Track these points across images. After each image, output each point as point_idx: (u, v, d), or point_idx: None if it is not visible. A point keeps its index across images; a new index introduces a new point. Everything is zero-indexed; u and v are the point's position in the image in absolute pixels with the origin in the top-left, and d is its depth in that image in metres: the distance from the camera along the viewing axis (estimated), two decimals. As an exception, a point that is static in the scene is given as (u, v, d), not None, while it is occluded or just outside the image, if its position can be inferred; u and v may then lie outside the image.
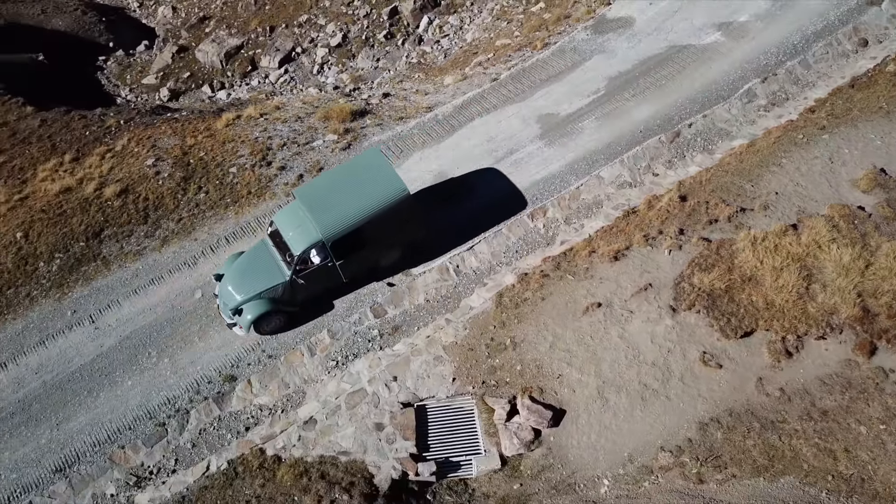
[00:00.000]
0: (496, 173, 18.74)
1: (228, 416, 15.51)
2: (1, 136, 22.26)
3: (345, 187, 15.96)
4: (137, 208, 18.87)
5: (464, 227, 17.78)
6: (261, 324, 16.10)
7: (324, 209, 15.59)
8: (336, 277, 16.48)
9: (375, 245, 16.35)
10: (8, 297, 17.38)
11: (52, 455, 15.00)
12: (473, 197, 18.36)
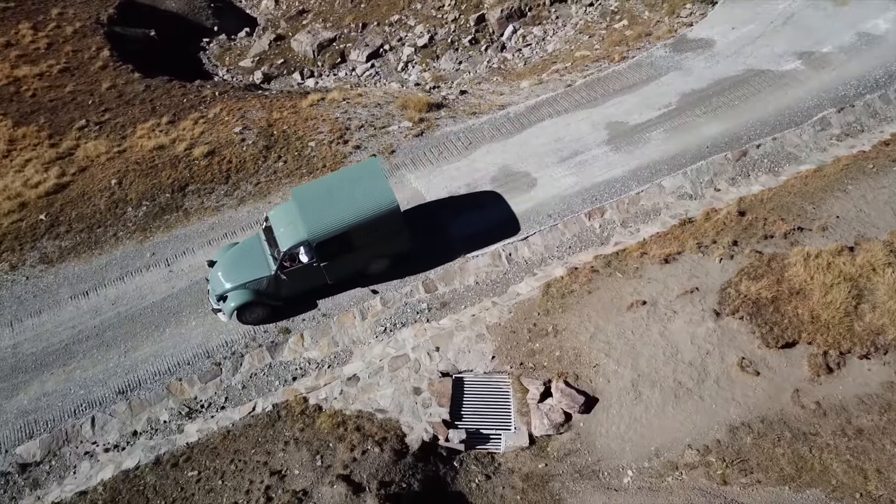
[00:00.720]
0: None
1: (278, 365, 16.49)
2: (109, 97, 24.34)
3: (338, 193, 16.51)
4: (221, 169, 20.32)
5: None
6: (243, 313, 16.69)
7: (314, 211, 16.21)
8: (321, 278, 16.99)
9: (362, 252, 16.78)
10: (97, 234, 19.01)
11: (117, 378, 16.29)
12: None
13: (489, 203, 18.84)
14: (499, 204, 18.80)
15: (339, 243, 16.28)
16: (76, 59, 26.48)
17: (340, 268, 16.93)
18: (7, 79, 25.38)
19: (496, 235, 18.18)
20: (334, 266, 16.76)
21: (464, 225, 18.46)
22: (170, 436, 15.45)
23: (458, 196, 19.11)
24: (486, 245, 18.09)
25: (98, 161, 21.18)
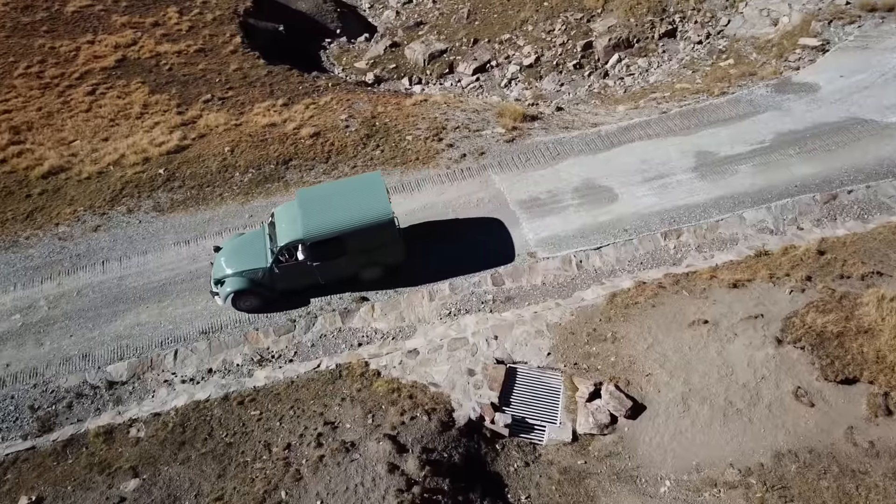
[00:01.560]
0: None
1: (347, 330, 17.57)
2: (234, 77, 26.61)
3: (338, 198, 17.28)
4: (323, 150, 21.89)
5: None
6: (238, 299, 17.49)
7: (312, 213, 17.02)
8: (313, 277, 17.67)
9: (355, 258, 17.36)
10: (205, 192, 20.88)
11: (202, 320, 17.82)
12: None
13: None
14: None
15: (333, 246, 17.01)
16: (211, 43, 29.08)
17: (333, 270, 17.59)
18: (150, 53, 28.18)
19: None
20: (327, 267, 17.45)
21: (540, 229, 19.13)
22: (240, 378, 16.76)
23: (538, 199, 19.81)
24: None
25: (216, 130, 23.24)
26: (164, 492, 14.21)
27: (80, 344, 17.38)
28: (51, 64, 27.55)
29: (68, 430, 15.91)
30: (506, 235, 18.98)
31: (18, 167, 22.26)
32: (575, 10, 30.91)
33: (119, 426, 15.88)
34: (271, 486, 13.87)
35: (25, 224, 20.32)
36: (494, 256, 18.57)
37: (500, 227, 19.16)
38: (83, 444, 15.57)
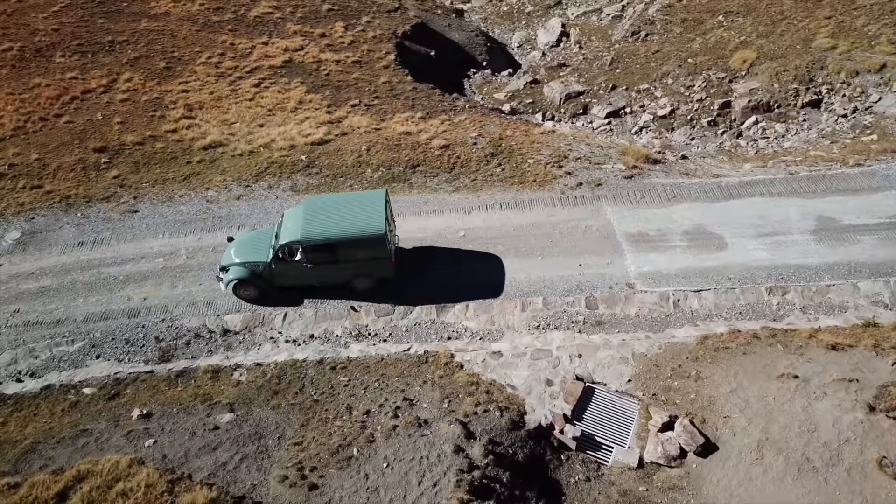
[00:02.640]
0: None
1: (440, 323, 18.60)
2: (382, 89, 28.87)
3: (339, 209, 18.51)
4: (449, 161, 23.36)
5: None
6: (238, 287, 18.80)
7: (313, 218, 18.29)
8: (308, 278, 18.76)
9: (346, 266, 18.45)
10: (338, 181, 22.84)
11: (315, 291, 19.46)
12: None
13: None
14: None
15: (326, 251, 18.18)
16: (367, 57, 31.69)
17: (326, 274, 18.70)
18: (313, 59, 31.12)
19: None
20: (320, 270, 18.60)
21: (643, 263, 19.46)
22: (336, 347, 18.16)
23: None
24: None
25: (357, 131, 25.34)
26: (253, 428, 15.66)
27: (207, 292, 19.46)
28: (228, 57, 31.06)
29: (182, 363, 17.87)
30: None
31: (185, 137, 25.30)
32: (718, 70, 31.04)
33: (225, 368, 17.65)
34: (346, 442, 14.97)
35: (182, 185, 23.06)
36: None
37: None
38: (192, 376, 17.43)
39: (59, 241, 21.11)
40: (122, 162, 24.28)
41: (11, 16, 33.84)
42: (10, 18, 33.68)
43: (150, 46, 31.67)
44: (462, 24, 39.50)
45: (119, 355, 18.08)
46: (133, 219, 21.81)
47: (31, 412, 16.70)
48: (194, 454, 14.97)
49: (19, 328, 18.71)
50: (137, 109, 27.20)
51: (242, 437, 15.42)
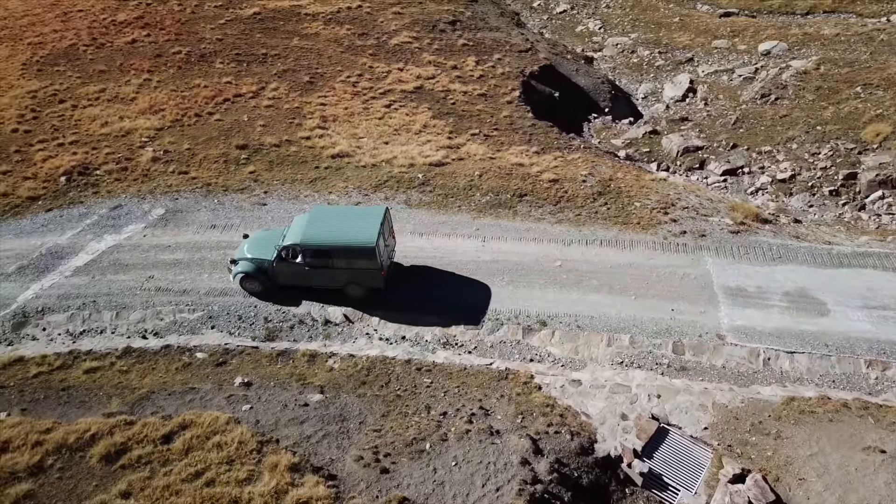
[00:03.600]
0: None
1: (525, 345, 19.27)
2: (503, 122, 30.20)
3: (340, 219, 20.07)
4: (556, 194, 24.17)
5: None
6: (244, 280, 20.47)
7: (315, 225, 19.80)
8: (306, 279, 20.19)
9: (339, 272, 19.82)
10: (448, 201, 24.15)
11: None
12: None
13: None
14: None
15: (322, 256, 19.59)
16: (493, 91, 33.19)
17: (322, 277, 20.10)
18: (442, 87, 32.97)
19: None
20: (317, 274, 20.01)
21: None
22: (424, 351, 19.20)
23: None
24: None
25: (473, 157, 26.67)
26: (338, 411, 16.88)
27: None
28: (365, 78, 33.45)
29: (285, 344, 19.46)
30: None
31: (317, 145, 27.54)
32: (848, 140, 30.21)
33: (321, 354, 19.06)
34: (420, 436, 15.88)
35: (308, 186, 25.13)
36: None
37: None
38: (291, 357, 18.94)
39: (196, 221, 23.52)
40: (258, 160, 26.75)
41: (185, 24, 38.01)
42: (183, 27, 37.84)
43: (298, 62, 34.63)
44: (589, 70, 40.42)
45: (231, 328, 19.92)
46: (261, 211, 23.98)
47: (150, 366, 18.71)
48: (283, 424, 16.34)
49: (151, 292, 20.98)
50: (279, 116, 29.85)
51: (328, 417, 16.65)
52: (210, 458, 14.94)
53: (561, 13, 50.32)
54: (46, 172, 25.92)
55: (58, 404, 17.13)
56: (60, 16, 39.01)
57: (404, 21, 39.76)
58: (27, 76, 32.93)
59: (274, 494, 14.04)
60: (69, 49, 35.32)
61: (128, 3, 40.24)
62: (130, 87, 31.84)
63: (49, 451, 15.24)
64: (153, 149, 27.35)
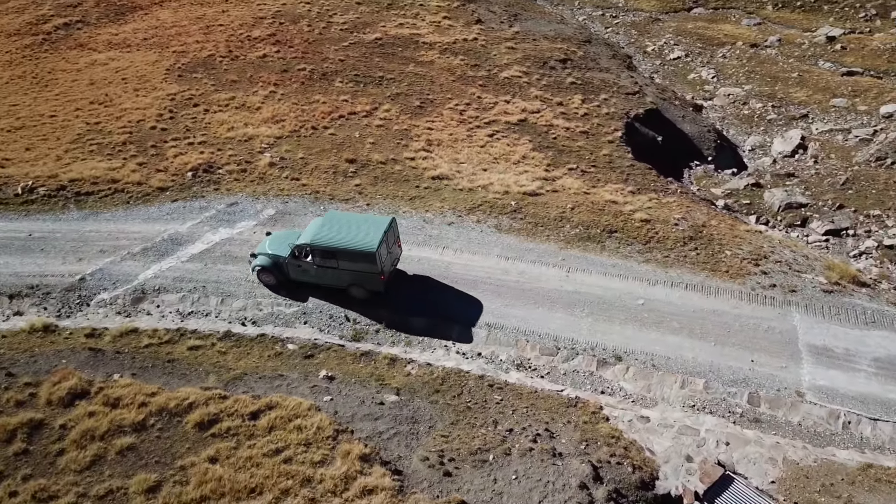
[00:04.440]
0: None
1: (598, 377, 19.62)
2: (601, 159, 30.73)
3: (349, 224, 21.47)
4: (646, 234, 24.43)
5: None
6: (261, 273, 22.26)
7: (325, 228, 21.37)
8: (314, 277, 21.77)
9: (344, 273, 21.33)
10: (538, 229, 24.88)
11: (489, 315, 21.43)
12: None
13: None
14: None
15: (329, 257, 21.12)
16: (595, 130, 33.78)
17: (328, 276, 21.66)
18: (546, 122, 33.88)
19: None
20: (324, 272, 21.59)
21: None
22: (498, 369, 19.90)
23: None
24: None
25: (567, 191, 27.35)
26: (411, 413, 17.81)
27: (406, 294, 22.23)
28: (472, 107, 34.85)
29: (368, 346, 20.66)
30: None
31: (419, 166, 29.00)
32: (969, 212, 28.81)
33: (400, 360, 20.12)
34: (485, 447, 16.56)
35: (407, 203, 26.52)
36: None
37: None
38: (373, 358, 20.10)
39: (302, 224, 25.27)
40: (364, 174, 28.45)
41: (312, 44, 40.85)
42: (310, 46, 40.67)
43: (411, 87, 36.50)
44: (697, 118, 40.28)
45: (322, 326, 21.34)
46: (361, 221, 25.52)
47: (245, 350, 20.34)
48: (359, 418, 17.43)
49: (254, 284, 22.75)
50: (388, 135, 31.60)
51: (400, 417, 17.61)
52: (290, 439, 16.20)
53: (674, 59, 50.34)
54: (176, 167, 28.58)
55: (163, 373, 18.95)
56: (203, 28, 42.83)
57: (516, 56, 41.09)
58: (169, 80, 36.36)
59: (343, 479, 15.09)
60: (207, 59, 38.72)
61: (263, 21, 43.66)
62: (257, 98, 34.56)
63: (152, 413, 16.96)
64: (271, 155, 29.61)
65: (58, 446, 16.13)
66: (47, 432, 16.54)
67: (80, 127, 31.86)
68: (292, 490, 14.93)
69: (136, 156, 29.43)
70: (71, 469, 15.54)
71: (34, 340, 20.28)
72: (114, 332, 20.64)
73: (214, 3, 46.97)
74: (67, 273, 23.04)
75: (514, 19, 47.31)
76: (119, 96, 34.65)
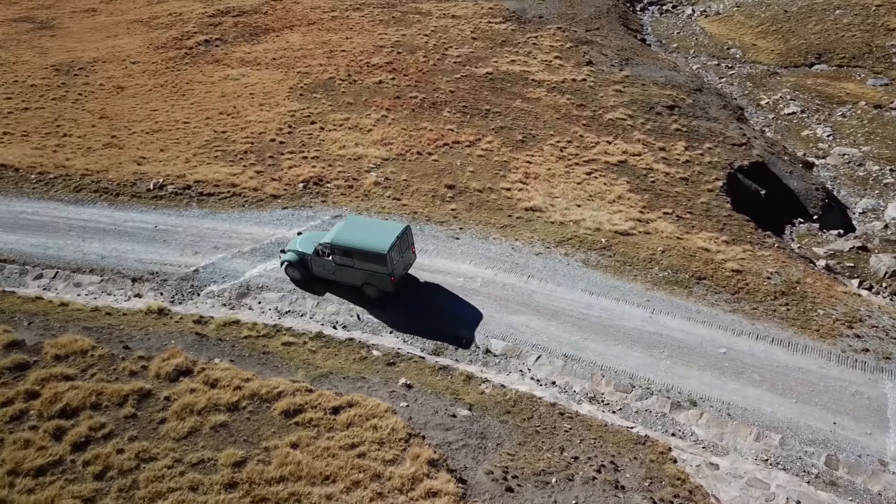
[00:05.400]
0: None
1: (670, 419, 19.64)
2: (698, 207, 30.63)
3: (366, 229, 23.33)
4: (735, 284, 24.23)
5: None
6: (288, 267, 24.28)
7: (346, 230, 23.37)
8: (333, 274, 23.75)
9: (358, 271, 23.19)
10: (625, 269, 25.13)
11: (567, 346, 21.88)
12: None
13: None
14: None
15: (346, 255, 23.04)
16: (695, 177, 33.66)
17: (345, 274, 23.62)
18: (645, 165, 34.11)
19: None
20: (341, 270, 23.55)
21: None
22: (570, 400, 20.30)
23: None
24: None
25: (659, 234, 27.48)
26: (480, 429, 18.50)
27: (487, 316, 23.03)
28: (573, 145, 35.57)
29: (447, 361, 21.57)
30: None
31: (514, 197, 29.94)
32: None
33: (476, 377, 20.88)
34: (549, 470, 17.02)
35: (498, 230, 27.44)
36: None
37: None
38: (450, 373, 20.96)
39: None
40: (461, 200, 29.65)
41: (425, 74, 42.90)
42: (423, 76, 42.72)
43: (515, 121, 37.66)
44: (805, 175, 39.26)
45: (405, 337, 22.45)
46: (453, 243, 26.62)
47: (333, 352, 21.71)
48: (431, 426, 18.29)
49: (349, 292, 24.18)
50: (487, 165, 32.78)
51: (470, 431, 18.34)
52: (366, 436, 17.26)
53: (789, 115, 49.18)
54: (289, 178, 30.80)
55: (258, 363, 20.54)
56: (327, 53, 45.84)
57: (623, 99, 41.55)
58: (291, 98, 39.17)
59: (411, 479, 15.96)
60: (328, 81, 41.43)
61: (382, 49, 46.24)
62: (369, 120, 36.68)
63: (245, 396, 18.50)
64: (376, 175, 31.37)
65: (161, 415, 17.89)
66: (153, 402, 18.36)
67: (208, 134, 34.87)
68: (362, 483, 15.92)
69: (255, 164, 31.92)
70: (170, 436, 17.20)
71: (149, 321, 22.44)
72: (218, 321, 22.53)
73: (340, 31, 50.18)
74: (184, 264, 25.33)
75: (626, 63, 47.81)
76: (245, 109, 37.67)
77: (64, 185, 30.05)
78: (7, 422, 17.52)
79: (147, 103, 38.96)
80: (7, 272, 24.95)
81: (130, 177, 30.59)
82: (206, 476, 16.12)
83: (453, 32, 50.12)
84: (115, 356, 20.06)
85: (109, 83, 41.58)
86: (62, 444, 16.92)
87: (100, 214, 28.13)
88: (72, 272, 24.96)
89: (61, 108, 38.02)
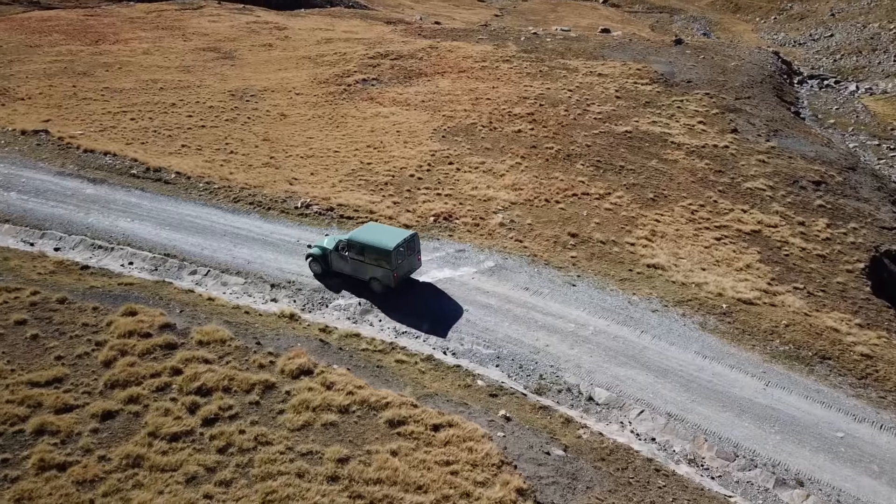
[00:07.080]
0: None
1: (772, 494, 18.93)
2: (834, 287, 29.37)
3: (380, 232, 26.19)
4: (862, 369, 23.12)
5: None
6: (312, 261, 27.21)
7: (362, 231, 26.34)
8: (347, 269, 26.56)
9: (368, 266, 25.98)
10: (744, 337, 24.54)
11: (671, 404, 21.69)
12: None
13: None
14: None
15: (358, 251, 25.89)
16: (834, 256, 32.24)
17: (357, 269, 26.37)
18: (781, 238, 33.14)
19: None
20: (354, 265, 26.33)
21: None
22: (668, 458, 20.11)
23: None
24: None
25: (785, 308, 26.63)
26: (572, 470, 18.78)
27: (592, 364, 23.31)
28: (705, 209, 35.17)
29: (548, 401, 21.99)
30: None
31: (637, 252, 30.09)
32: None
33: (575, 422, 21.16)
34: (635, 520, 16.99)
35: (617, 283, 27.65)
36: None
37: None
38: (549, 414, 21.38)
39: (514, 280, 27.60)
40: (583, 249, 30.18)
41: (564, 127, 44.08)
42: (562, 129, 43.92)
43: (649, 180, 37.81)
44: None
45: (510, 372, 23.15)
46: (569, 290, 27.15)
47: (441, 375, 22.77)
48: (524, 459, 18.81)
49: (463, 322, 25.30)
50: (613, 219, 33.14)
51: (562, 471, 18.67)
52: (461, 456, 18.08)
53: (952, 204, 45.68)
54: (422, 211, 32.69)
55: (371, 375, 21.99)
56: (473, 99, 48.21)
57: (765, 170, 40.60)
58: (434, 139, 41.55)
59: (497, 502, 16.53)
60: (469, 126, 43.57)
61: (525, 100, 48.01)
62: (503, 166, 38.19)
63: (355, 401, 19.93)
64: (503, 217, 32.61)
65: (280, 406, 19.66)
66: (276, 393, 20.19)
67: (355, 164, 37.73)
68: (451, 498, 16.70)
69: (393, 195, 34.16)
70: (286, 426, 18.87)
71: (281, 323, 24.60)
72: (341, 332, 24.32)
73: (487, 80, 52.63)
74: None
75: (774, 134, 46.68)
76: (391, 145, 40.39)
77: (225, 196, 33.58)
78: (153, 391, 19.95)
79: (305, 131, 42.70)
80: (168, 265, 28.22)
81: (282, 194, 33.66)
82: (312, 466, 17.55)
83: (597, 90, 51.15)
84: (248, 349, 22.23)
85: (275, 110, 45.98)
86: (195, 417, 19.03)
87: (251, 224, 31.17)
88: (221, 272, 27.81)
89: (231, 129, 42.51)
